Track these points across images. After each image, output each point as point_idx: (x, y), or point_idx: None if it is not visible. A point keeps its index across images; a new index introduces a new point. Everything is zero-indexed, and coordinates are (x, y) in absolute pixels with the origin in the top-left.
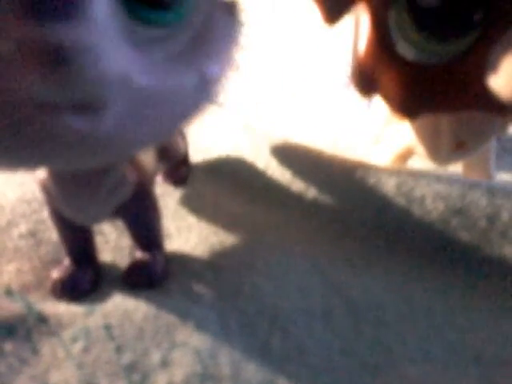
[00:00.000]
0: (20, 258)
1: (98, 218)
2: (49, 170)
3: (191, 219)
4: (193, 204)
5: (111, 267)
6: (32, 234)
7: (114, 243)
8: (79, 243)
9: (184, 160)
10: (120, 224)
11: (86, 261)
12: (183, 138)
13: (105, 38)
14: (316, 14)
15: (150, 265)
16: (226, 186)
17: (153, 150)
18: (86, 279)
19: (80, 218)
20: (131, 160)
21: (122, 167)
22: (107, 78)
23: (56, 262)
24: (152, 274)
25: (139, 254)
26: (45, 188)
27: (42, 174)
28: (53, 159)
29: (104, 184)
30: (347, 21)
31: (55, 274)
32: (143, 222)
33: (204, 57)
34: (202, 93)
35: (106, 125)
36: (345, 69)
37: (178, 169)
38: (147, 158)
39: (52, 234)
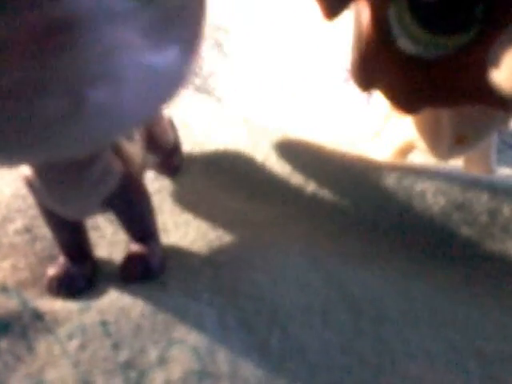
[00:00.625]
0: (15, 254)
1: (87, 212)
2: (32, 165)
3: (189, 214)
4: (190, 199)
5: (107, 262)
6: (27, 229)
7: (109, 238)
8: (72, 239)
9: (175, 149)
10: (115, 218)
11: (81, 257)
12: (172, 126)
13: (96, 11)
14: (316, 8)
15: (146, 256)
16: (224, 180)
17: (140, 140)
18: (81, 276)
19: (68, 212)
20: (116, 150)
21: (105, 157)
22: (98, 52)
23: (52, 258)
24: (149, 266)
25: (134, 247)
26: (30, 184)
27: (26, 170)
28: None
29: (88, 175)
30: (347, 15)
31: (50, 271)
32: (134, 214)
33: (182, 27)
34: (185, 64)
35: (97, 100)
36: (344, 63)
37: (170, 158)
38: (134, 147)
39: (48, 229)
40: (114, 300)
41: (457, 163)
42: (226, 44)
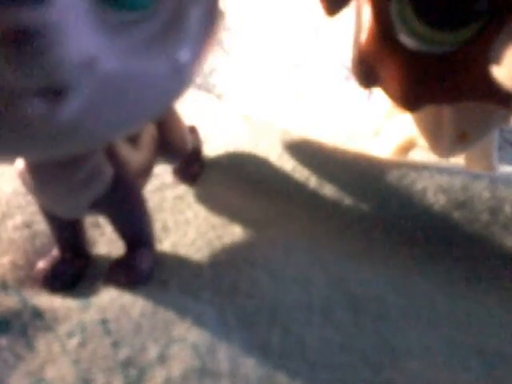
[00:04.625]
0: (15, 251)
1: (76, 212)
2: (25, 160)
3: (189, 213)
4: (191, 197)
5: (107, 260)
6: (27, 225)
7: (109, 236)
8: (66, 235)
9: (195, 156)
10: None
11: (74, 253)
12: (193, 132)
13: (69, 21)
14: (317, 5)
15: (130, 265)
16: (225, 178)
17: (148, 146)
18: (69, 272)
19: (57, 211)
20: (109, 153)
21: (96, 158)
22: (71, 62)
23: None
24: (132, 275)
25: (124, 252)
26: (23, 180)
27: (20, 164)
28: (18, 150)
29: (77, 175)
30: (348, 11)
31: (41, 263)
32: (124, 219)
33: (176, 43)
34: (174, 80)
35: (70, 109)
36: (345, 61)
37: (189, 166)
38: (134, 152)
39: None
40: (114, 298)
41: (458, 161)
42: (227, 41)
